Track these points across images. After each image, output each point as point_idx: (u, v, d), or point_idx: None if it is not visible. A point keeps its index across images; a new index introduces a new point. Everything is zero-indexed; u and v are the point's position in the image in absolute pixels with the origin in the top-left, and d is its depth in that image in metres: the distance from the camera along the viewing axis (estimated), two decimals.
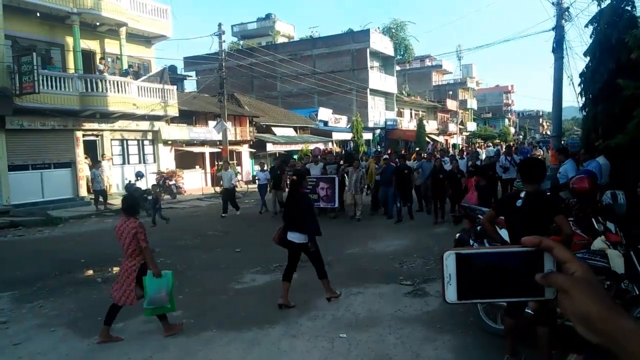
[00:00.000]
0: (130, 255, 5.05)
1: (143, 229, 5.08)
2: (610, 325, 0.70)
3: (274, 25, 50.29)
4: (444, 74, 61.80)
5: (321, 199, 12.78)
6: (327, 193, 12.73)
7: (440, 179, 11.67)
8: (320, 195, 12.74)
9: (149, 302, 4.98)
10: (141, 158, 20.85)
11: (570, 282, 0.75)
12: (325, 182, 12.80)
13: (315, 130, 32.87)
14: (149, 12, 20.62)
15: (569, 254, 0.79)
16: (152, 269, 5.03)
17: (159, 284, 4.99)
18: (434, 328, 5.11)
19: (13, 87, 15.11)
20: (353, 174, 12.29)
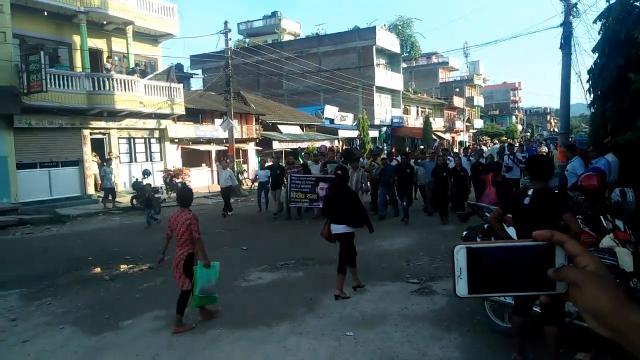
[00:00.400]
0: (182, 244, 5.25)
1: (196, 221, 5.30)
2: (622, 320, 0.69)
3: (280, 23, 50.22)
4: (450, 71, 61.51)
5: (321, 199, 12.12)
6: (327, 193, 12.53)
7: (443, 178, 11.45)
8: (320, 196, 12.22)
9: (200, 292, 5.20)
10: (148, 156, 20.93)
11: (582, 276, 0.75)
12: (325, 181, 12.20)
13: (321, 128, 32.85)
14: (156, 11, 20.67)
15: (581, 248, 0.78)
16: (202, 260, 5.24)
17: (209, 274, 5.25)
18: (440, 326, 5.09)
19: (21, 86, 15.21)
20: (353, 174, 11.39)
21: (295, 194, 12.59)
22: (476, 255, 0.83)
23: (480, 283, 0.83)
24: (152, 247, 9.81)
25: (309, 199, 12.53)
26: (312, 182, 12.49)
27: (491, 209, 6.30)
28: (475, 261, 0.83)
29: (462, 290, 0.84)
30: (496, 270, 0.82)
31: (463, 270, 0.84)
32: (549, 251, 0.81)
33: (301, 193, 12.52)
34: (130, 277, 7.76)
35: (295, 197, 12.62)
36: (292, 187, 12.57)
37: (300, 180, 12.63)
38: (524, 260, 0.81)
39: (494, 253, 0.83)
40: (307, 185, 12.51)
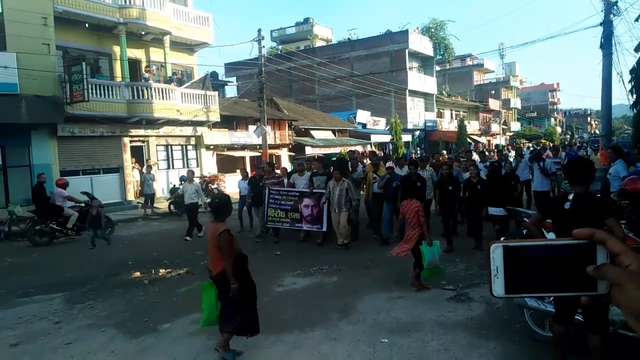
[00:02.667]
0: (413, 226, 6.55)
1: (422, 209, 6.70)
2: None
3: (312, 29, 50.63)
4: (485, 72, 60.41)
5: (305, 219, 10.22)
6: (313, 212, 10.14)
7: (449, 192, 9.13)
8: (304, 215, 10.20)
9: (427, 264, 6.52)
10: (185, 163, 21.41)
11: (625, 275, 0.72)
12: (310, 198, 10.17)
13: (353, 133, 32.83)
14: (192, 20, 21.22)
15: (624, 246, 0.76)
16: (427, 240, 6.53)
17: (432, 251, 6.59)
18: (478, 334, 4.99)
19: (64, 96, 15.86)
20: (336, 188, 9.37)
21: (273, 211, 10.49)
22: (513, 253, 0.82)
23: (517, 282, 0.82)
24: (189, 251, 10.04)
25: (291, 218, 10.38)
26: (294, 198, 10.37)
27: (530, 214, 6.15)
28: (512, 260, 0.82)
29: (498, 290, 0.83)
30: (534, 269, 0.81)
31: (500, 269, 0.83)
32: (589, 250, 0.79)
33: (281, 211, 10.42)
34: (169, 281, 7.94)
35: (273, 216, 10.51)
36: (270, 203, 10.51)
37: (280, 194, 10.53)
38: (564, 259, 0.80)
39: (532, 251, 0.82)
40: (289, 202, 10.41)
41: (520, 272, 0.82)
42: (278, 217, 10.44)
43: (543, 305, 4.48)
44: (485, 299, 6.00)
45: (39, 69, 14.99)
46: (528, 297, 3.45)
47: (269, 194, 10.51)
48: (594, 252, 0.78)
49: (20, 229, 12.89)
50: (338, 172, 9.54)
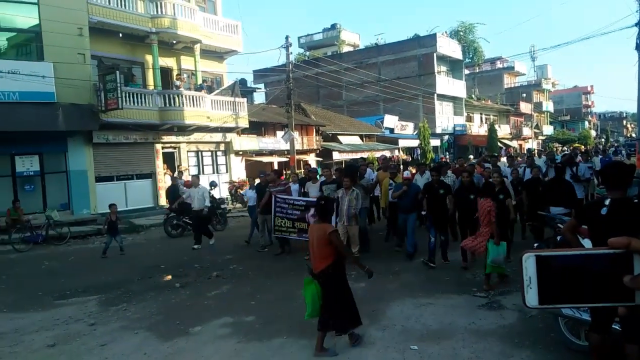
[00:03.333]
0: (485, 224, 6.87)
1: (495, 209, 6.89)
2: None
3: (339, 34, 50.75)
4: (516, 75, 59.33)
5: None
6: None
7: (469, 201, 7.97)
8: None
9: (491, 261, 6.62)
10: (214, 168, 21.74)
11: None
12: None
13: (381, 138, 32.70)
14: (221, 29, 21.60)
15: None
16: (495, 239, 6.67)
17: (498, 250, 6.65)
18: (511, 343, 4.88)
19: (99, 104, 16.35)
20: (344, 197, 8.55)
21: (280, 220, 9.83)
22: (547, 263, 0.80)
23: (551, 293, 0.80)
24: (219, 256, 10.18)
25: (298, 228, 9.64)
26: (301, 208, 9.70)
27: (564, 220, 5.99)
28: (545, 270, 0.80)
29: (532, 301, 0.82)
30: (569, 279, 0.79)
31: (533, 280, 0.81)
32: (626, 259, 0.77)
33: (288, 220, 9.76)
34: (199, 284, 8.06)
35: (280, 226, 9.84)
36: (277, 211, 9.85)
37: (286, 203, 9.88)
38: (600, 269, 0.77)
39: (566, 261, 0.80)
40: (295, 211, 9.74)
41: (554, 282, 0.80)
42: (285, 226, 9.79)
43: (578, 314, 4.36)
44: (518, 307, 5.87)
45: (75, 78, 15.50)
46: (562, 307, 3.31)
47: (275, 202, 9.88)
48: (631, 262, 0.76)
49: (57, 233, 13.35)
50: (348, 180, 8.69)
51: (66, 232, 13.45)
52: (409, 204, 8.89)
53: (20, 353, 5.29)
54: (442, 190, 8.43)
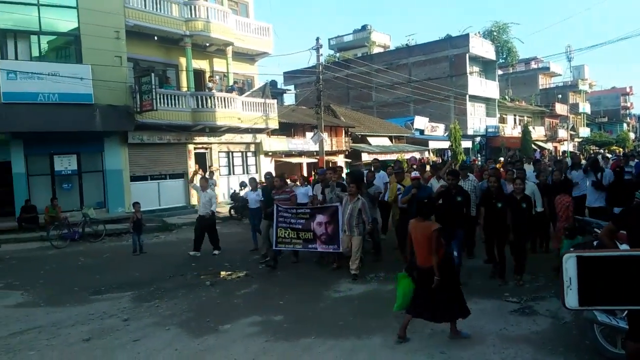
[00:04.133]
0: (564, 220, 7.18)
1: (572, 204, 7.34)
2: None
3: (369, 36, 50.58)
4: (551, 76, 57.79)
5: (319, 239, 8.60)
6: (327, 230, 8.50)
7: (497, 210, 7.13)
8: (318, 234, 8.59)
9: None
10: (244, 169, 22.00)
11: None
12: (324, 214, 8.64)
13: (411, 139, 32.44)
14: (253, 31, 21.88)
15: None
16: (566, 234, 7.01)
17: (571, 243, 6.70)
18: (544, 350, 4.76)
19: (135, 105, 16.79)
20: (347, 205, 7.93)
21: (284, 231, 8.93)
22: (588, 264, 0.79)
23: (592, 294, 0.78)
24: (249, 255, 10.28)
25: (303, 238, 8.79)
26: (305, 216, 8.85)
27: (601, 225, 5.81)
28: (587, 271, 0.79)
29: (572, 302, 0.80)
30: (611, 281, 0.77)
31: (573, 281, 0.80)
32: None
33: (292, 230, 8.88)
34: (229, 283, 8.17)
35: (283, 237, 8.94)
36: (279, 222, 8.99)
37: (289, 212, 9.00)
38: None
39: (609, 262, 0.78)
40: (300, 220, 8.88)
41: (595, 283, 0.79)
42: (289, 237, 8.93)
43: (615, 321, 4.21)
44: (552, 313, 5.72)
45: (111, 80, 15.98)
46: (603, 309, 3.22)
47: (277, 212, 9.00)
48: None
49: (92, 230, 13.76)
50: (354, 187, 8.02)
51: (101, 230, 13.85)
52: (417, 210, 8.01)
53: (57, 346, 5.48)
54: (459, 197, 7.37)
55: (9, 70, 14.57)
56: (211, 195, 10.90)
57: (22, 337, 5.79)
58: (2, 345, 5.55)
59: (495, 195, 7.24)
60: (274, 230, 9.02)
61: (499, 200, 7.17)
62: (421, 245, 5.18)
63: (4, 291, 8.27)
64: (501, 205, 7.06)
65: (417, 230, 5.25)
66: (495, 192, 7.29)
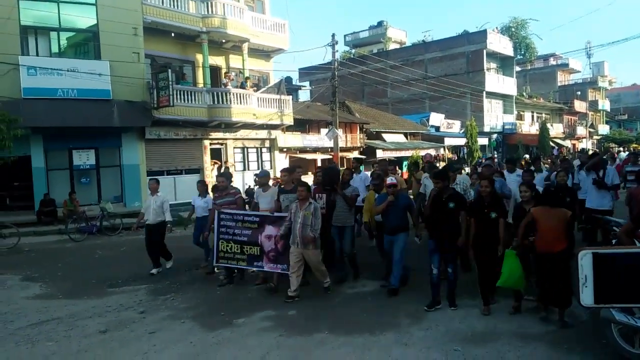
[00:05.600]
0: None
1: None
2: None
3: (385, 32, 50.30)
4: (570, 73, 56.89)
5: (266, 255, 7.16)
6: (277, 246, 7.06)
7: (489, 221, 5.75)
8: (265, 250, 7.15)
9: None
10: (259, 164, 22.11)
11: None
12: (275, 225, 7.10)
13: (426, 136, 32.24)
14: (269, 28, 21.94)
15: None
16: None
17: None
18: (560, 349, 4.70)
19: (152, 101, 16.97)
20: (298, 212, 6.58)
21: (226, 244, 7.43)
22: (604, 261, 0.78)
23: (608, 292, 0.77)
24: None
25: (248, 254, 7.30)
26: (253, 225, 7.29)
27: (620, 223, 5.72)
28: (603, 268, 0.78)
29: (587, 300, 0.79)
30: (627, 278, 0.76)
31: (589, 278, 0.79)
32: None
33: (235, 244, 7.37)
34: (244, 277, 8.21)
35: (226, 251, 7.44)
36: (220, 232, 7.49)
37: (233, 220, 7.43)
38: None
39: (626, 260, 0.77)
40: (245, 231, 7.33)
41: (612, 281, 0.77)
42: (232, 252, 7.38)
43: (633, 320, 4.14)
44: (569, 312, 5.64)
45: (129, 76, 16.18)
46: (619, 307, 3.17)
47: (219, 219, 7.52)
48: None
49: (110, 224, 13.96)
50: (304, 190, 6.63)
51: (119, 224, 14.03)
52: (396, 220, 6.62)
53: (75, 337, 5.58)
54: (451, 203, 5.97)
55: (29, 66, 14.84)
56: (163, 200, 8.70)
57: (41, 328, 5.91)
58: (22, 335, 5.67)
59: (488, 203, 5.80)
60: (215, 243, 7.50)
61: (493, 208, 5.74)
62: (552, 231, 5.26)
63: (24, 283, 8.44)
64: (495, 216, 5.68)
65: (548, 216, 5.33)
66: (488, 198, 5.81)
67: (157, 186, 8.87)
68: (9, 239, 12.02)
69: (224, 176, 8.15)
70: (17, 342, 5.49)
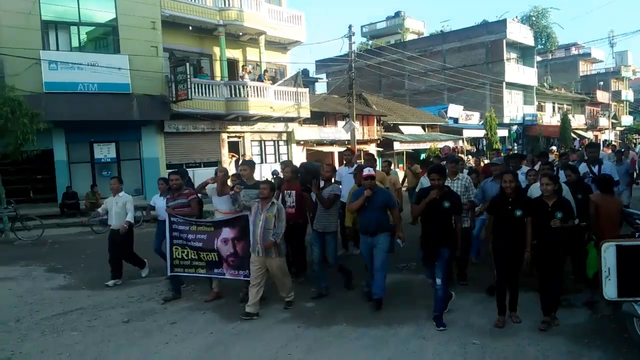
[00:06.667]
0: None
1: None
2: None
3: (403, 22, 49.73)
4: (593, 63, 55.59)
5: (225, 262, 6.37)
6: (237, 250, 6.30)
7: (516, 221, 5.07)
8: (223, 255, 6.36)
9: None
10: (276, 157, 22.18)
11: None
12: (232, 226, 6.33)
13: (444, 128, 31.91)
14: (285, 20, 21.91)
15: None
16: None
17: None
18: (580, 343, 4.66)
19: (170, 95, 17.12)
20: (259, 214, 5.83)
21: (180, 251, 6.59)
22: (628, 253, 0.77)
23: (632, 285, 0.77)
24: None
25: (206, 261, 6.48)
26: (208, 229, 6.51)
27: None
28: (627, 261, 0.77)
29: (610, 293, 0.79)
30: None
31: (612, 271, 0.79)
32: None
33: (191, 250, 6.53)
34: None
35: (180, 258, 6.59)
36: (173, 237, 6.63)
37: (187, 224, 6.60)
38: None
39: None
40: (200, 235, 6.52)
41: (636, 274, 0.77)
42: (188, 258, 6.57)
43: None
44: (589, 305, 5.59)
45: (148, 70, 16.33)
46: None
47: (170, 223, 6.65)
48: None
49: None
50: (267, 188, 5.86)
51: (139, 216, 14.22)
52: (374, 219, 5.78)
53: (98, 327, 5.71)
54: (446, 202, 5.25)
55: (50, 60, 15.07)
56: (126, 200, 7.67)
57: (66, 318, 6.06)
58: (47, 325, 5.83)
59: (512, 200, 5.17)
60: (168, 250, 6.65)
61: (518, 206, 5.13)
62: (612, 219, 5.35)
63: (48, 274, 8.65)
64: (520, 214, 5.07)
65: (609, 204, 5.44)
66: (513, 195, 5.18)
67: (119, 186, 7.83)
68: (34, 231, 12.30)
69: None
70: (43, 331, 5.64)
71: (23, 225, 12.43)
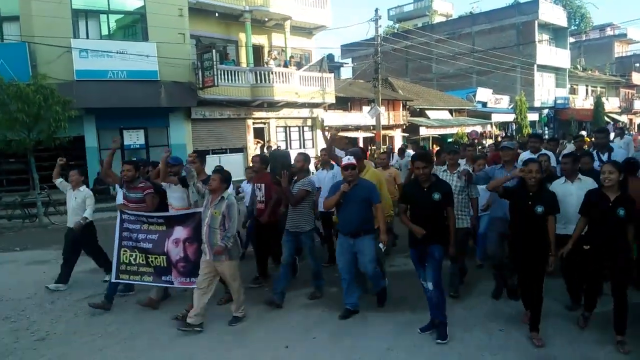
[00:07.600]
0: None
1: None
2: None
3: (431, 4, 48.76)
4: (629, 43, 53.49)
5: (174, 267, 5.64)
6: (188, 253, 5.59)
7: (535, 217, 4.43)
8: (173, 260, 5.63)
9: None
10: (301, 143, 22.25)
11: None
12: (184, 224, 5.63)
13: (472, 112, 31.36)
14: (310, 4, 21.81)
15: None
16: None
17: None
18: (607, 332, 4.58)
19: (197, 82, 17.30)
20: (207, 209, 5.15)
21: (128, 254, 5.82)
22: None
23: None
24: None
25: (154, 265, 5.71)
26: (160, 228, 5.75)
27: None
28: None
29: None
30: None
31: None
32: None
33: (140, 252, 5.78)
34: None
35: (128, 263, 5.82)
36: (123, 237, 5.87)
37: (138, 221, 5.84)
38: None
39: None
40: (150, 235, 5.78)
41: None
42: (136, 264, 5.79)
43: None
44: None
45: (175, 57, 16.52)
46: None
47: (120, 221, 5.90)
48: None
49: None
50: (217, 178, 5.18)
51: None
52: (354, 215, 5.10)
53: (129, 308, 5.90)
54: (436, 194, 4.62)
55: (81, 48, 15.40)
56: (86, 196, 6.83)
57: (97, 300, 6.26)
58: (80, 307, 6.05)
59: (535, 194, 4.47)
60: (116, 253, 5.86)
61: (540, 200, 4.43)
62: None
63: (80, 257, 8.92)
64: (542, 211, 4.39)
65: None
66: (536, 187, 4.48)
67: (79, 178, 6.86)
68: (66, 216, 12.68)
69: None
70: (76, 313, 5.87)
71: (56, 210, 12.84)
